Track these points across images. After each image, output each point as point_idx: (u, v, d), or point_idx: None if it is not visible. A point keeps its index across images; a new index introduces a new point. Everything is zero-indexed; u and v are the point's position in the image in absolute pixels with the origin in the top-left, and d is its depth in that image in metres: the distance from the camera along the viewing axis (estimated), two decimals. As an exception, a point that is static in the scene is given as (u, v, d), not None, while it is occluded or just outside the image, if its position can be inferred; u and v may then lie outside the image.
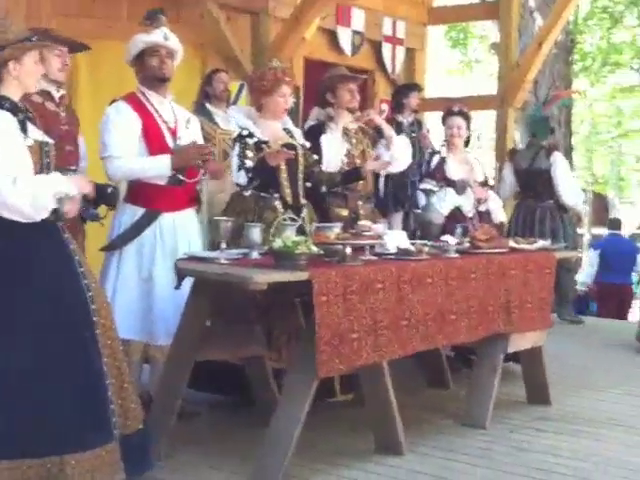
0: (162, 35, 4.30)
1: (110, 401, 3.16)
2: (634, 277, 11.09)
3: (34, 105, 3.89)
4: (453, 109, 5.93)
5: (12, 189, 3.00)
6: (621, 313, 9.96)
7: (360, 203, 5.17)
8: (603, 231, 23.29)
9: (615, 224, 10.96)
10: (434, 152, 6.04)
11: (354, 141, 5.24)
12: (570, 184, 7.56)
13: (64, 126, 4.17)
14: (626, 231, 15.24)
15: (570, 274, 8.00)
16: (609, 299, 10.06)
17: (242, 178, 4.46)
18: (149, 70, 4.29)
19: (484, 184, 6.03)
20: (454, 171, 5.84)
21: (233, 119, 4.82)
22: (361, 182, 5.17)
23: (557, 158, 7.45)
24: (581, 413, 4.86)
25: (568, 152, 11.12)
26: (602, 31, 16.06)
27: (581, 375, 5.89)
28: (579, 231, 12.66)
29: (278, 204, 4.54)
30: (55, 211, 3.14)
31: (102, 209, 4.12)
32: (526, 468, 3.87)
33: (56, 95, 4.20)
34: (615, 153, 23.86)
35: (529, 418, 4.71)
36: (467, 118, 5.99)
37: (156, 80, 4.31)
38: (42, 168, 3.19)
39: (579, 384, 5.59)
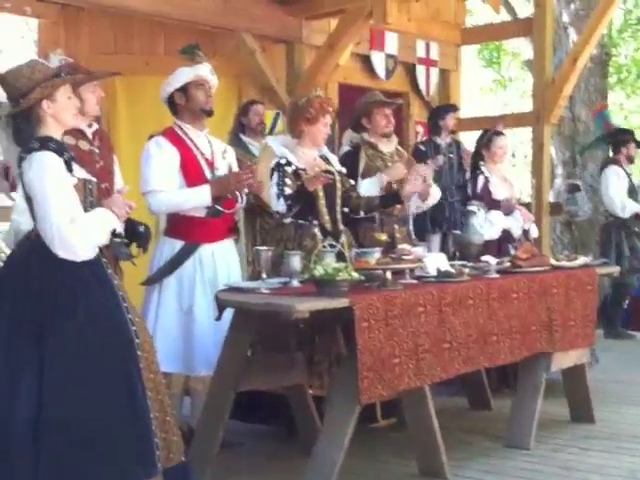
0: (209, 69, 4.41)
1: (154, 435, 3.19)
2: None
3: (67, 147, 3.95)
4: (498, 129, 5.94)
5: (70, 229, 3.07)
6: None
7: (396, 227, 5.21)
8: None
9: None
10: (477, 172, 6.04)
11: (390, 164, 5.28)
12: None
13: (99, 163, 4.18)
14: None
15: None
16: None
17: (281, 206, 4.51)
18: (195, 103, 4.37)
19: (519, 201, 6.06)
20: (498, 191, 5.85)
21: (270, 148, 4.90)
22: (397, 205, 5.21)
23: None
24: (626, 430, 4.83)
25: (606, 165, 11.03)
26: (637, 42, 15.95)
27: (624, 391, 5.84)
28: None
29: (317, 231, 4.58)
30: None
31: (134, 248, 4.16)
32: (573, 488, 3.87)
33: (89, 132, 4.20)
34: (654, 164, 23.59)
35: (573, 437, 4.68)
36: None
37: (203, 113, 4.40)
38: (86, 206, 3.25)
39: (622, 400, 5.55)
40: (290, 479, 3.97)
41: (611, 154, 8.08)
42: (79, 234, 3.10)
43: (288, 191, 4.50)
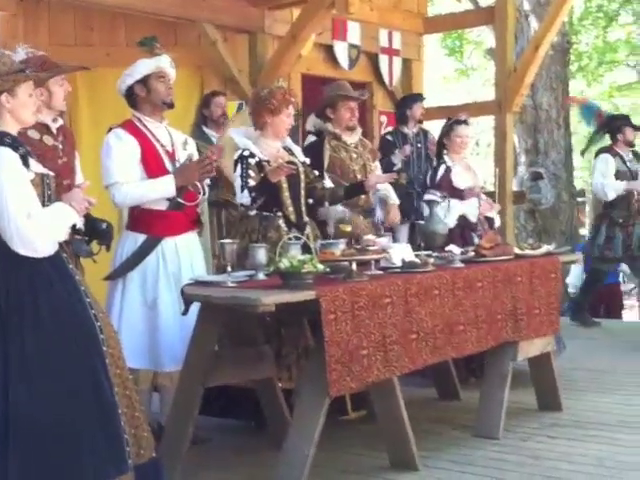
0: (168, 61, 4.36)
1: (123, 431, 3.16)
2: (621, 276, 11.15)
3: (31, 141, 3.86)
4: (460, 118, 5.95)
5: (28, 224, 3.02)
6: (613, 312, 9.93)
7: (361, 218, 5.20)
8: None
9: None
10: (440, 162, 6.06)
11: (354, 155, 5.27)
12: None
13: (62, 159, 4.11)
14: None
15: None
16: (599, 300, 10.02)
17: (245, 198, 4.48)
18: (156, 95, 4.32)
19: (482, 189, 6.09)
20: (460, 180, 5.86)
21: (232, 140, 4.84)
22: (362, 196, 5.20)
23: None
24: (593, 417, 4.86)
25: (568, 153, 11.14)
26: (597, 30, 16.10)
27: (590, 379, 5.89)
28: (581, 231, 12.84)
29: (282, 223, 4.56)
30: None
31: (95, 245, 4.11)
32: (541, 477, 3.88)
33: (54, 127, 4.14)
34: (614, 152, 23.81)
35: (541, 425, 4.71)
36: (469, 126, 6.04)
37: (164, 105, 4.35)
38: (44, 201, 3.19)
39: (589, 388, 5.59)
40: (260, 473, 3.94)
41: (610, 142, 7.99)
42: (38, 229, 3.04)
43: (252, 183, 4.47)
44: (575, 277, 10.50)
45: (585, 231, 22.38)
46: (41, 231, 3.05)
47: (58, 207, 3.20)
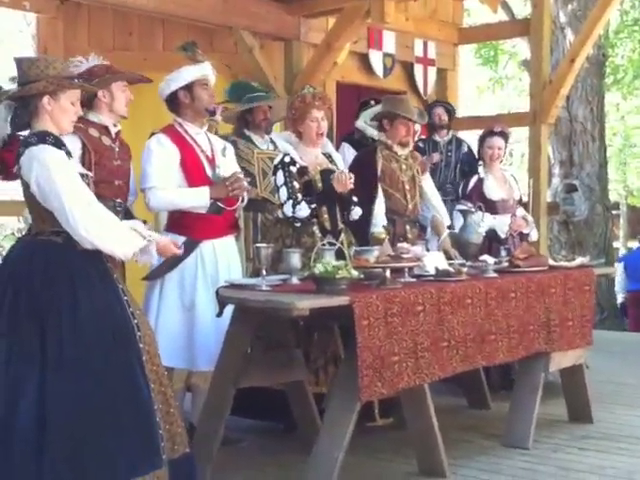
0: (211, 69, 4.41)
1: (158, 426, 3.21)
2: None
3: (91, 139, 4.02)
4: (495, 129, 5.95)
5: (91, 211, 3.11)
6: None
7: (408, 227, 5.22)
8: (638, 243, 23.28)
9: None
10: (471, 172, 6.04)
11: (404, 167, 5.30)
12: None
13: (117, 161, 4.21)
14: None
15: None
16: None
17: (304, 211, 4.48)
18: (200, 102, 4.37)
19: (520, 202, 6.06)
20: (494, 191, 5.86)
21: (272, 144, 4.89)
22: (410, 207, 5.24)
23: None
24: (623, 430, 4.85)
25: (603, 165, 11.07)
26: (633, 43, 15.98)
27: (622, 392, 5.87)
28: (614, 244, 12.96)
29: (316, 229, 4.59)
30: None
31: None
32: (571, 488, 3.87)
33: (113, 130, 4.24)
34: (649, 165, 23.63)
35: (571, 437, 4.70)
36: (506, 138, 6.02)
37: (207, 112, 4.41)
38: None
39: (620, 401, 5.58)
40: (289, 476, 3.97)
41: None
42: (100, 217, 3.13)
43: (299, 195, 4.46)
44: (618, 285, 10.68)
45: (619, 244, 22.25)
46: (103, 221, 3.13)
47: (133, 224, 3.30)
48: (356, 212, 4.75)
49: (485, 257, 4.64)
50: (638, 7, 15.56)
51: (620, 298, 10.63)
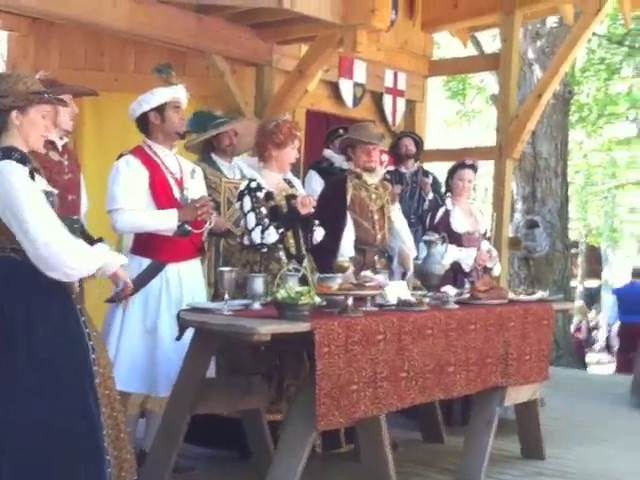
0: (183, 92, 4.43)
1: (106, 452, 3.16)
2: None
3: (38, 156, 3.95)
4: (466, 162, 6.03)
5: (56, 240, 3.05)
6: None
7: (376, 257, 5.25)
8: (595, 283, 23.73)
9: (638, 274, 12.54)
10: (437, 202, 6.10)
11: (374, 196, 5.34)
12: None
13: (67, 175, 4.22)
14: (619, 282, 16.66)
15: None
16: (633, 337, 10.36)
17: (273, 236, 4.47)
18: (171, 124, 4.39)
19: (485, 235, 6.13)
20: (460, 224, 5.93)
21: (238, 170, 4.90)
22: (379, 237, 5.27)
23: None
24: (575, 468, 4.89)
25: (564, 203, 11.23)
26: (599, 82, 16.28)
27: (575, 429, 5.93)
28: (572, 283, 13.45)
29: (282, 254, 4.59)
30: None
31: None
32: (522, 523, 3.90)
33: (59, 144, 4.24)
34: (609, 204, 24.04)
35: (523, 473, 4.74)
36: (476, 171, 6.11)
37: (177, 135, 4.42)
38: None
39: (573, 439, 5.62)
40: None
41: None
42: (67, 246, 3.08)
43: (267, 221, 4.47)
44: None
45: (576, 282, 22.54)
46: (64, 239, 3.09)
47: (100, 248, 3.29)
48: (319, 234, 4.76)
49: (446, 288, 4.69)
50: (604, 46, 15.87)
51: (606, 332, 11.05)
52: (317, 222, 4.75)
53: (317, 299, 3.71)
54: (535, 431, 5.02)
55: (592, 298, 23.18)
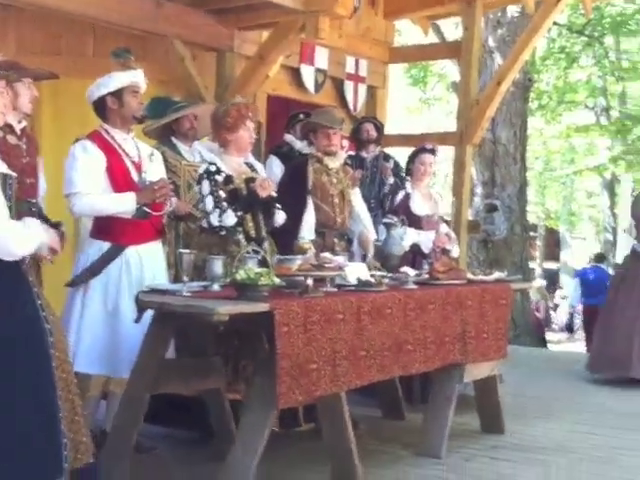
0: (142, 76, 4.42)
1: (62, 435, 3.16)
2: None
3: None
4: (426, 146, 6.10)
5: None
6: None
7: (336, 240, 5.30)
8: (554, 265, 24.30)
9: (599, 257, 13.50)
10: (397, 186, 6.17)
11: (334, 180, 5.38)
12: None
13: (25, 158, 4.18)
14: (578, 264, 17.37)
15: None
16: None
17: (231, 219, 4.49)
18: (128, 109, 4.38)
19: (443, 219, 6.22)
20: (419, 207, 5.99)
21: (198, 153, 4.91)
22: (339, 220, 5.33)
23: None
24: (533, 441, 5.00)
25: (523, 187, 11.37)
26: (558, 70, 16.47)
27: (534, 404, 6.05)
28: (530, 265, 13.83)
29: (241, 237, 4.62)
30: None
31: None
32: (481, 496, 3.98)
33: (18, 127, 4.20)
34: (567, 189, 24.42)
35: (483, 447, 4.83)
36: (436, 155, 6.19)
37: (134, 120, 4.42)
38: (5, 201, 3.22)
39: (531, 413, 5.74)
40: (206, 483, 3.98)
41: None
42: (9, 228, 3.07)
43: (225, 204, 4.49)
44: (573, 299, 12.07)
45: (535, 265, 22.89)
46: (15, 231, 3.08)
47: (30, 222, 3.25)
48: (280, 217, 4.80)
49: (405, 269, 4.75)
50: (565, 35, 16.06)
51: (567, 314, 11.54)
52: (278, 205, 4.79)
53: (276, 280, 3.75)
54: (494, 406, 5.12)
55: (551, 280, 23.60)
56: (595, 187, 24.38)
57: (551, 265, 25.94)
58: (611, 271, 12.42)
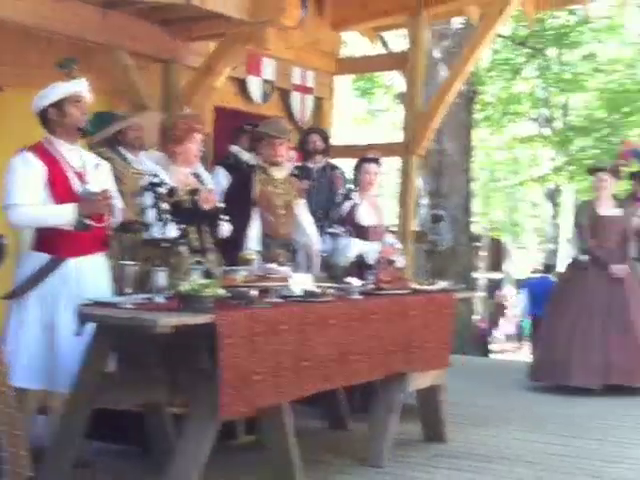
0: (85, 85, 4.40)
1: (1, 448, 3.15)
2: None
3: None
4: (369, 156, 6.17)
5: None
6: None
7: (280, 251, 5.33)
8: (497, 275, 24.72)
9: (547, 268, 13.99)
10: (346, 197, 6.23)
11: (280, 191, 5.40)
12: None
13: None
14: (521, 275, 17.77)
15: None
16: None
17: (172, 232, 4.49)
18: (70, 119, 4.34)
19: (389, 230, 6.29)
20: (365, 217, 6.05)
21: (144, 164, 4.91)
22: (284, 231, 5.39)
23: None
24: (474, 449, 5.08)
25: (468, 198, 11.52)
26: (503, 82, 16.74)
27: (475, 413, 6.15)
28: (474, 275, 14.08)
29: (184, 249, 4.62)
30: None
31: None
32: (423, 503, 4.03)
33: None
34: (511, 200, 24.83)
35: (426, 456, 4.89)
36: (380, 165, 6.26)
37: (77, 131, 4.38)
38: None
39: (473, 422, 5.82)
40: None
41: None
42: None
43: (169, 217, 4.48)
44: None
45: (479, 275, 23.17)
46: None
47: None
48: (225, 228, 4.81)
49: (350, 279, 4.79)
50: (509, 47, 16.33)
51: (516, 323, 11.83)
52: (225, 217, 4.80)
53: (221, 291, 3.76)
54: (436, 415, 5.19)
55: (495, 289, 23.92)
56: (538, 197, 24.82)
57: (495, 275, 26.29)
58: (556, 281, 12.66)
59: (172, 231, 4.51)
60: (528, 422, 5.90)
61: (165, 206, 4.53)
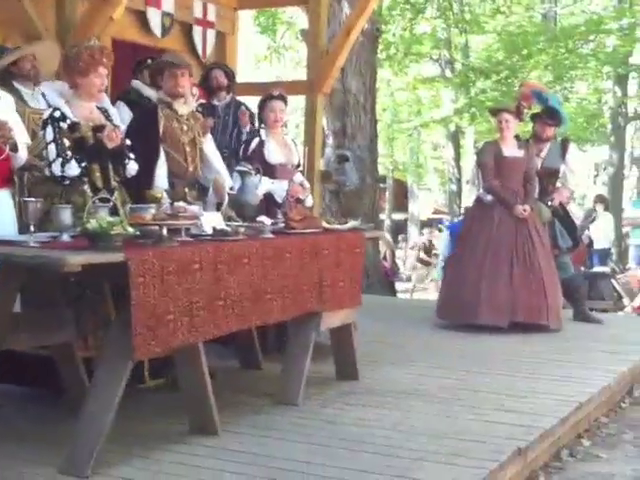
0: None
1: None
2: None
3: None
4: (274, 93, 6.01)
5: None
6: None
7: (187, 190, 5.16)
8: (402, 216, 25.20)
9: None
10: (253, 134, 6.08)
11: (185, 127, 5.21)
12: None
13: None
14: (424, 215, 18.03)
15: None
16: None
17: (74, 170, 4.28)
18: None
19: (298, 167, 6.17)
20: (274, 155, 5.92)
21: (42, 96, 4.65)
22: (190, 169, 5.19)
23: None
24: (386, 386, 5.11)
25: (373, 138, 11.50)
26: (404, 22, 16.70)
27: (386, 351, 6.19)
28: (381, 216, 14.44)
29: (86, 187, 4.42)
30: None
31: None
32: (338, 440, 4.01)
33: None
34: (414, 141, 25.08)
35: (339, 393, 4.90)
36: (286, 102, 6.10)
37: None
38: None
39: (384, 360, 5.86)
40: (57, 443, 3.81)
41: None
42: None
43: (69, 153, 4.26)
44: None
45: (384, 216, 23.48)
46: None
47: None
48: (132, 167, 4.63)
49: (262, 218, 4.70)
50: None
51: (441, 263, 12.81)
52: (131, 155, 4.62)
53: (130, 229, 3.62)
54: (349, 354, 5.19)
55: (399, 230, 24.33)
56: (440, 139, 25.12)
57: (399, 216, 26.67)
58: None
59: (73, 169, 4.30)
60: (438, 359, 5.97)
61: (66, 142, 4.31)
